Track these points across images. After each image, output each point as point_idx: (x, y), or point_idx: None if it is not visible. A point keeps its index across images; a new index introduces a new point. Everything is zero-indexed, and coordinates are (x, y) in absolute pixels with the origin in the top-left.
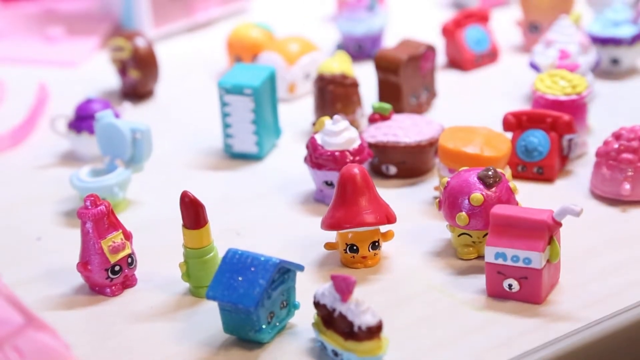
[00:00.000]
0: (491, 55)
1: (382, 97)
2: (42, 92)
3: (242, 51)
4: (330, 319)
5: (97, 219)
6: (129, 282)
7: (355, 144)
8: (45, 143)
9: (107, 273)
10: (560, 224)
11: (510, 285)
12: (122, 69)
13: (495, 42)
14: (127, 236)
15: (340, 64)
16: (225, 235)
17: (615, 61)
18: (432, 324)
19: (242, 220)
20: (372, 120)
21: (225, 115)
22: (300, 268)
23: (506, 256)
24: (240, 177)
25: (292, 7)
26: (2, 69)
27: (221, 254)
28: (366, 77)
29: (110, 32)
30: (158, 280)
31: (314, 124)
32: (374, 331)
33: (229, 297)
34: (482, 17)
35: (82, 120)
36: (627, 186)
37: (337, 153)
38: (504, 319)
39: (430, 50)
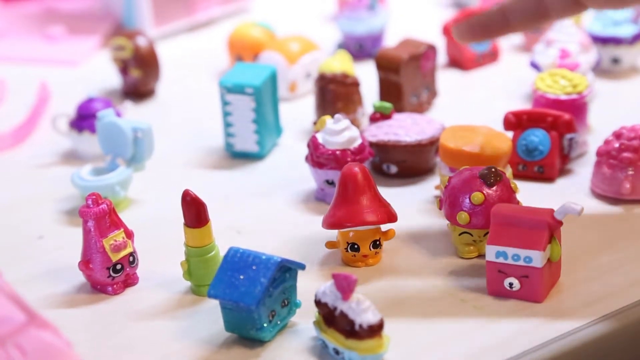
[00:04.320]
0: (492, 55)
1: (383, 96)
2: (43, 92)
3: (243, 50)
4: (331, 318)
5: (99, 217)
6: (130, 281)
7: (356, 143)
8: (47, 142)
9: (108, 271)
10: (560, 223)
11: (511, 284)
12: (123, 68)
13: (495, 42)
14: (129, 235)
15: (341, 63)
16: (226, 234)
17: (615, 60)
18: (433, 322)
19: (243, 219)
20: (373, 119)
21: (226, 114)
22: (302, 266)
23: (507, 255)
24: (241, 175)
25: (293, 6)
26: (3, 68)
27: (222, 252)
28: (367, 76)
29: (111, 31)
30: (159, 279)
31: (315, 123)
32: (375, 329)
33: (230, 296)
34: None
35: (83, 119)
36: (628, 185)
37: (338, 152)
38: (505, 317)
39: (431, 49)
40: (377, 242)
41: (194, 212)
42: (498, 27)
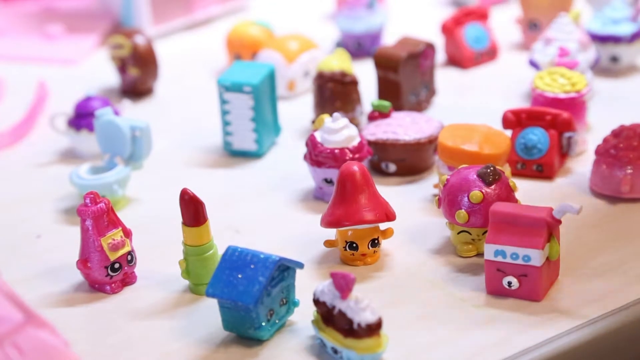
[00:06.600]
0: (490, 53)
1: (382, 94)
2: (41, 90)
3: (241, 49)
4: (329, 316)
5: (97, 216)
6: (128, 280)
7: (355, 142)
8: (45, 141)
9: (106, 270)
10: (559, 222)
11: (509, 283)
12: (122, 66)
13: (494, 40)
14: (127, 233)
15: (339, 62)
16: (224, 233)
17: (614, 59)
18: (432, 321)
19: (242, 218)
20: (371, 117)
21: (224, 112)
22: (300, 265)
23: (505, 254)
24: (239, 174)
25: (292, 4)
26: (2, 66)
27: (221, 251)
28: (366, 74)
29: (110, 29)
30: (158, 278)
31: (313, 122)
32: (374, 328)
33: (228, 295)
34: (481, 15)
35: (81, 118)
36: (627, 184)
37: (336, 151)
38: (504, 316)
39: (430, 48)
40: (376, 241)
41: (192, 210)
42: None
